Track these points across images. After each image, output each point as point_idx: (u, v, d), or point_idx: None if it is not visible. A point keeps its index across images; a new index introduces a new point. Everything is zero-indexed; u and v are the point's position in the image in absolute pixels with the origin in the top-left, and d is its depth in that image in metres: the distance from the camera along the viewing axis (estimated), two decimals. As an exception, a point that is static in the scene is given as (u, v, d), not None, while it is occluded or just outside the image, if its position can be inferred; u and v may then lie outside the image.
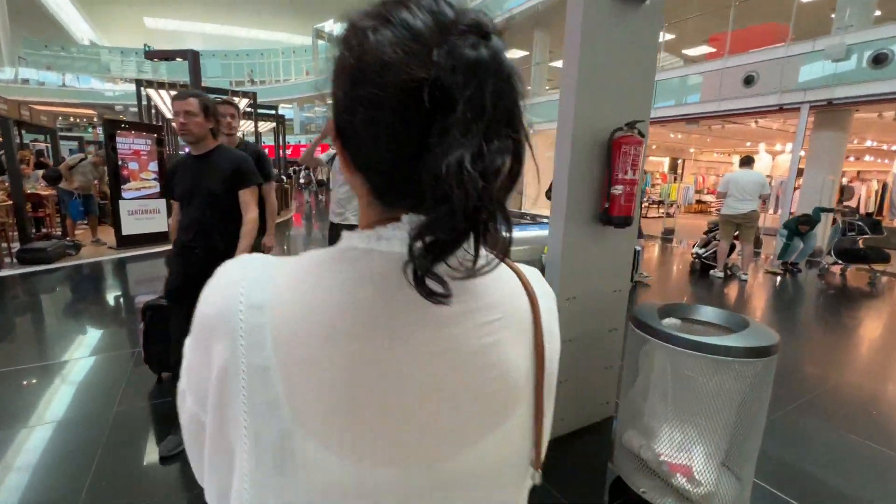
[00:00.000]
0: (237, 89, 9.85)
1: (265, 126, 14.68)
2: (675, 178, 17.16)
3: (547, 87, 13.99)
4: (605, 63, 1.97)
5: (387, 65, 0.32)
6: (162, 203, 6.86)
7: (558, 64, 14.77)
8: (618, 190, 1.99)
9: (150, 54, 6.71)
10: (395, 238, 0.36)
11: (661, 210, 14.84)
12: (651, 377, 1.63)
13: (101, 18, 34.53)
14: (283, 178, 14.22)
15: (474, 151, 0.29)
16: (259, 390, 0.34)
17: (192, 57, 7.06)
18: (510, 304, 0.40)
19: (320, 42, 30.42)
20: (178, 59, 6.99)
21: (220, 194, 2.00)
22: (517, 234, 1.95)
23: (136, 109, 9.06)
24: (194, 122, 1.89)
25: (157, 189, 6.83)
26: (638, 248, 5.13)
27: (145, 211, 6.72)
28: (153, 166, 6.69)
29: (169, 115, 8.67)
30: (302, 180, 21.57)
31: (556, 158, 2.07)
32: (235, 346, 0.35)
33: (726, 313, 1.73)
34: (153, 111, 9.20)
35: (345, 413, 0.34)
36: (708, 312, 1.76)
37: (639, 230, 3.76)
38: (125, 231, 6.47)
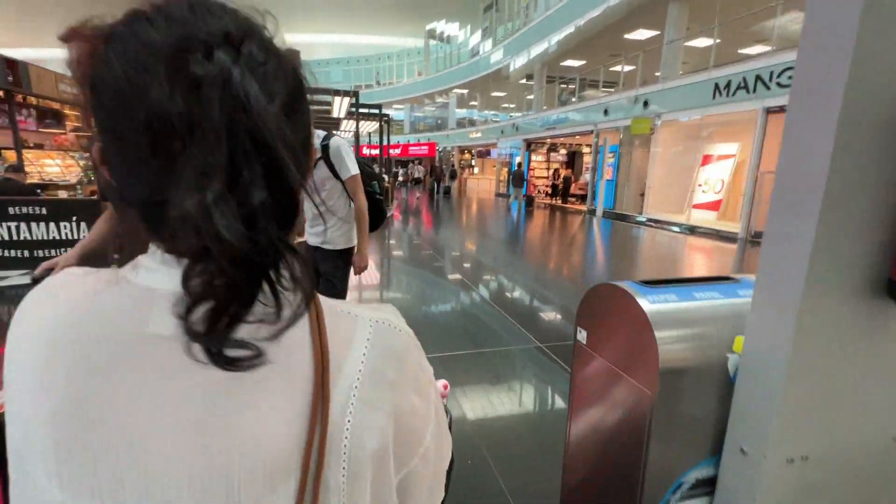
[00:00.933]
0: (339, 89, 9.69)
1: (372, 126, 14.81)
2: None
3: (681, 71, 11.77)
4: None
5: (117, 88, 0.29)
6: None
7: (697, 43, 12.41)
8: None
9: None
10: (155, 270, 0.34)
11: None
12: None
13: None
14: (385, 176, 14.16)
15: (218, 189, 0.26)
16: (7, 401, 0.35)
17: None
18: (280, 360, 0.33)
19: (432, 42, 31.28)
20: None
21: None
22: (669, 305, 1.11)
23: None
24: None
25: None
26: None
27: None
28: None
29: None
30: (400, 178, 22.11)
31: (783, 162, 0.96)
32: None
33: None
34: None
35: (60, 448, 0.32)
36: None
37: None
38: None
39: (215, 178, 0.26)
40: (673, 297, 1.08)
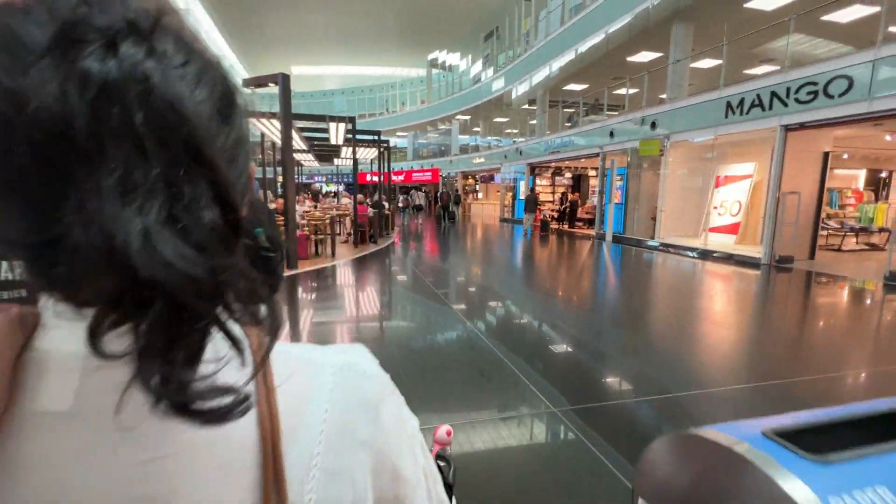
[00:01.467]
0: (335, 115, 9.40)
1: (371, 153, 14.56)
2: (878, 197, 12.84)
3: (688, 92, 11.42)
4: None
5: None
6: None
7: (701, 64, 12.09)
8: None
9: (246, 82, 6.37)
10: (49, 328, 0.27)
11: (860, 240, 10.98)
12: None
13: (260, 69, 41.01)
14: (386, 203, 13.79)
15: (157, 210, 0.22)
16: None
17: (283, 81, 6.61)
18: (215, 431, 0.25)
19: (434, 72, 31.77)
20: (270, 84, 6.56)
21: None
22: None
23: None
24: None
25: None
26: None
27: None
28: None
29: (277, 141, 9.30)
30: (401, 204, 21.95)
31: None
32: None
33: None
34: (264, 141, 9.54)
35: None
36: None
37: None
38: None
39: (152, 197, 0.22)
40: (879, 490, 0.50)
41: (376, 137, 12.30)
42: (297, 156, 17.23)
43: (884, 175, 13.76)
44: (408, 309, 5.48)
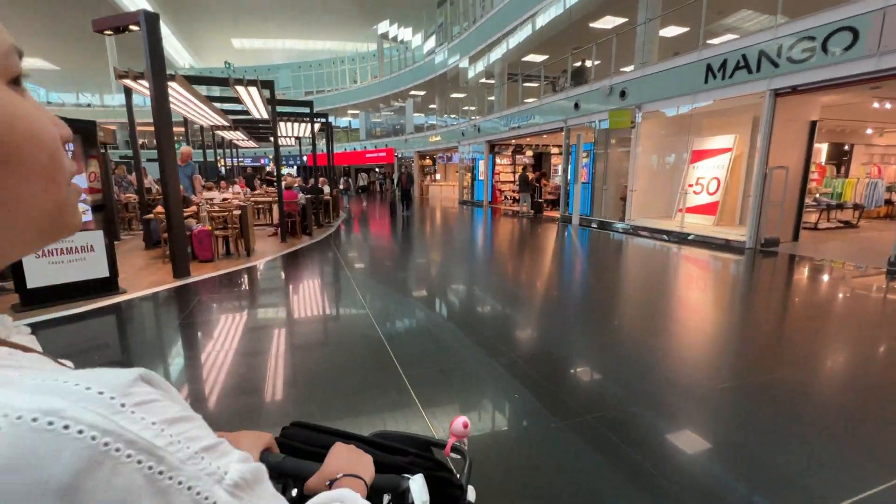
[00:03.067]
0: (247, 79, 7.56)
1: (305, 128, 12.66)
2: (839, 171, 12.41)
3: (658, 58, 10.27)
4: None
5: None
6: (97, 237, 4.69)
7: (669, 32, 10.83)
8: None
9: (97, 23, 4.52)
10: None
11: (833, 217, 10.39)
12: None
13: (196, 43, 38.52)
14: (326, 188, 12.02)
15: None
16: None
17: (148, 22, 4.79)
18: None
19: (385, 46, 29.53)
20: (132, 28, 4.72)
21: None
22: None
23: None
24: None
25: (89, 213, 4.66)
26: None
27: (66, 251, 4.54)
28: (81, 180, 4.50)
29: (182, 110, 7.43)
30: (341, 186, 20.27)
31: None
32: None
33: None
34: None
35: None
36: None
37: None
38: (32, 282, 4.30)
39: None
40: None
41: (308, 111, 10.44)
42: (226, 134, 15.01)
43: (846, 148, 13.39)
44: (333, 344, 3.97)
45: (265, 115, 9.65)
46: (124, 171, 11.62)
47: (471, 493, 0.93)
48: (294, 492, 0.69)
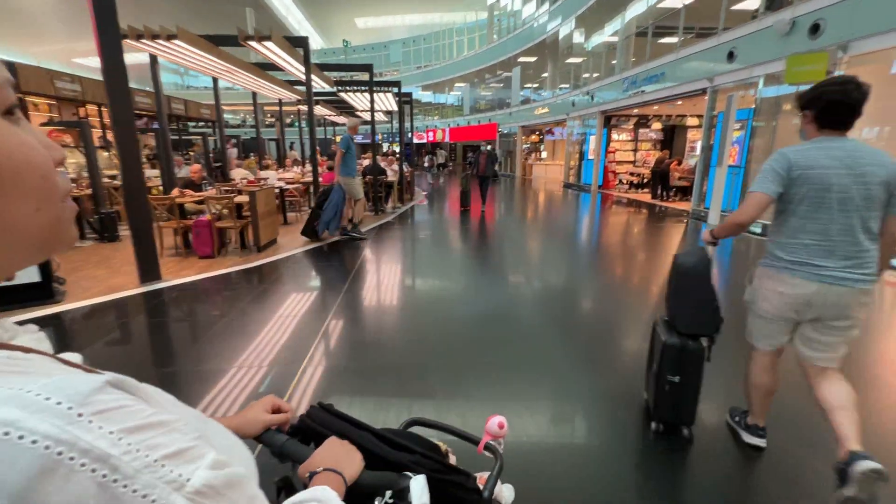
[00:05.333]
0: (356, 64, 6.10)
1: (364, 101, 11.14)
2: None
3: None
4: None
5: None
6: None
7: None
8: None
9: None
10: None
11: None
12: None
13: (324, 26, 40.48)
14: (386, 169, 10.46)
15: None
16: None
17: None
18: None
19: (496, 13, 26.87)
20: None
21: None
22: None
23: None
24: None
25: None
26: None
27: None
28: None
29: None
30: (426, 164, 19.09)
31: None
32: None
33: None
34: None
35: None
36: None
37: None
38: None
39: None
40: None
41: (367, 81, 8.78)
42: (320, 111, 14.33)
43: None
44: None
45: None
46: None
47: (508, 492, 1.07)
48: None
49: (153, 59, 6.41)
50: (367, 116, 15.22)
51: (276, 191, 8.09)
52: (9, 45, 24.96)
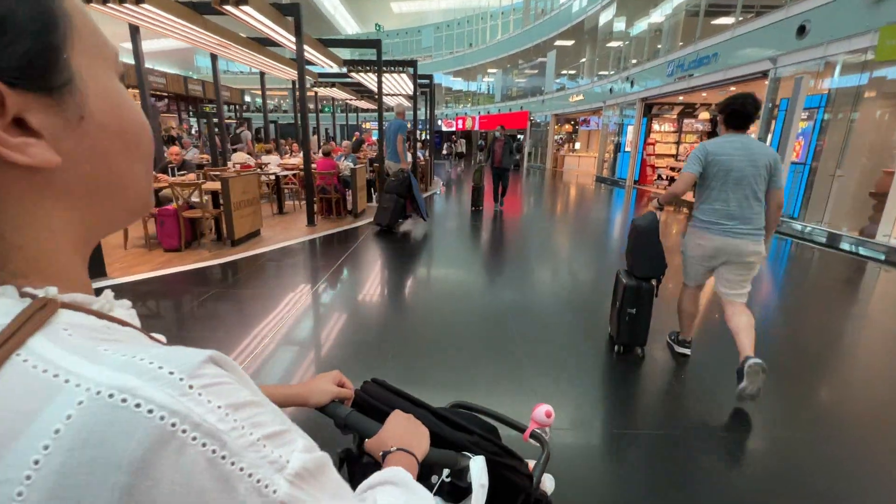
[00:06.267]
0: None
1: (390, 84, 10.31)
2: None
3: None
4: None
5: None
6: None
7: None
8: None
9: None
10: None
11: None
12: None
13: (359, 10, 40.12)
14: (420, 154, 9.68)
15: None
16: None
17: None
18: None
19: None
20: None
21: None
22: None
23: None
24: None
25: None
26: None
27: None
28: None
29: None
30: (444, 151, 18.55)
31: None
32: None
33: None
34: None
35: None
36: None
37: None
38: None
39: None
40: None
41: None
42: (325, 92, 13.69)
43: None
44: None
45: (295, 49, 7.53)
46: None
47: (549, 482, 1.05)
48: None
49: (133, 29, 5.83)
50: (389, 101, 14.45)
51: (272, 177, 7.48)
52: None
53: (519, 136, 25.42)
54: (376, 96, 14.06)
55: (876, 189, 6.25)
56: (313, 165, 6.52)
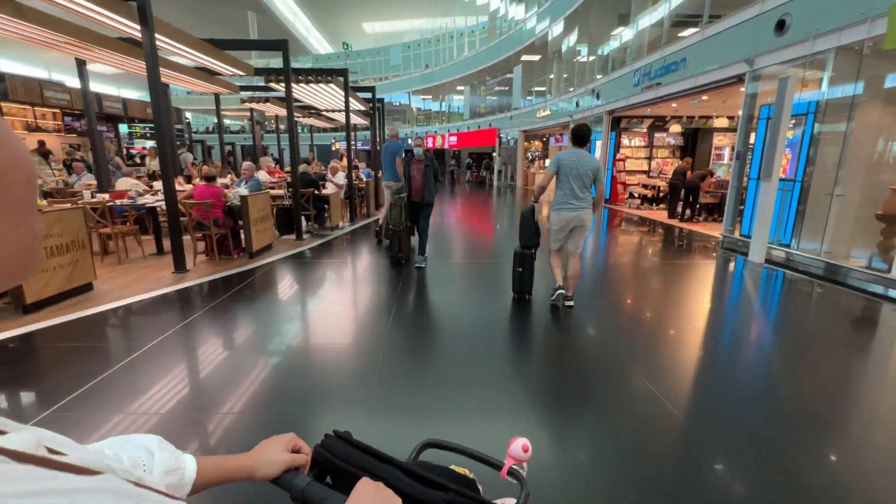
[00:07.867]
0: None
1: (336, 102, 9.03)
2: None
3: None
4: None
5: None
6: None
7: None
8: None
9: None
10: None
11: None
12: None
13: (332, 31, 39.93)
14: (337, 179, 8.34)
15: None
16: None
17: None
18: None
19: (500, 14, 24.76)
20: None
21: None
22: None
23: None
24: None
25: None
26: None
27: None
28: None
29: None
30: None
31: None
32: None
33: None
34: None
35: None
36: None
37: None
38: None
39: None
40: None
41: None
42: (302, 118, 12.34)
43: None
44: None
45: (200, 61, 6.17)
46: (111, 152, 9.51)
47: None
48: None
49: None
50: (339, 117, 13.06)
51: (143, 210, 5.98)
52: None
53: (494, 154, 24.42)
54: (321, 112, 12.75)
55: (884, 210, 5.13)
56: (185, 192, 5.07)
